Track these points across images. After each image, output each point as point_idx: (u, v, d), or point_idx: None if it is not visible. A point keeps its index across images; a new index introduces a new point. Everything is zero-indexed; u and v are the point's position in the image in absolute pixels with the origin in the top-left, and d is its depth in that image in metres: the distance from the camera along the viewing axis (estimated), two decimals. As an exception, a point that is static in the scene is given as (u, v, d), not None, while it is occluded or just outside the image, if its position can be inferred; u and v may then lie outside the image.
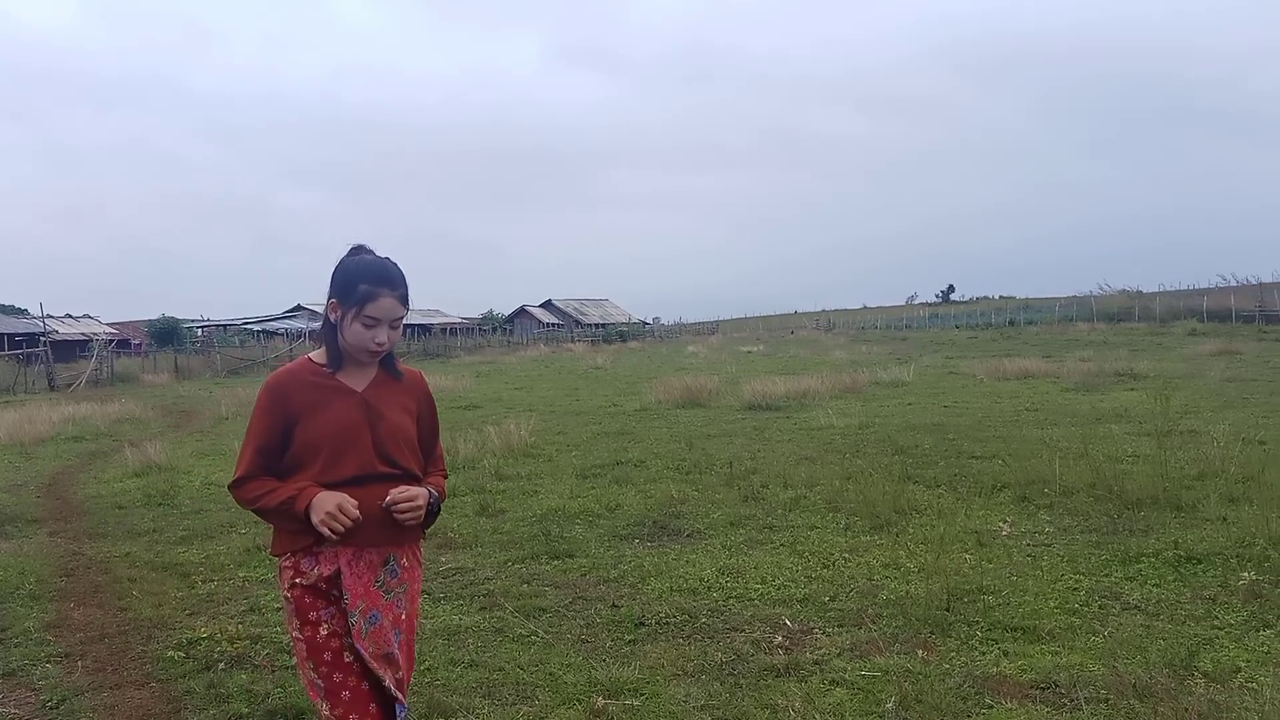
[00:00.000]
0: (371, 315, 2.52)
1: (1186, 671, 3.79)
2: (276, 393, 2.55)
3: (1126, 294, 66.06)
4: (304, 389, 2.56)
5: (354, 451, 2.54)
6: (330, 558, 2.53)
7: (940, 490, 7.74)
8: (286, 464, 2.55)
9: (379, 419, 2.58)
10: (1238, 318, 46.88)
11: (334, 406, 2.55)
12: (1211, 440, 8.81)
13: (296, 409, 2.53)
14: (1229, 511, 6.31)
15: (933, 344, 42.53)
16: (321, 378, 2.59)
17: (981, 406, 14.45)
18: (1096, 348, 30.89)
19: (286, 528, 2.53)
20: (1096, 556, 5.55)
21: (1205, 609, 4.57)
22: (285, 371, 2.61)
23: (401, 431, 2.62)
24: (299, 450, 2.52)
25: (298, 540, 2.52)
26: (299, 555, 2.54)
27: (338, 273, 2.57)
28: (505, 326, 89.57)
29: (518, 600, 5.18)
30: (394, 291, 2.54)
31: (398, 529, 2.57)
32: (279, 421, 2.53)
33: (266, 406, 2.55)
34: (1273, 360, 22.38)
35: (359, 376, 2.63)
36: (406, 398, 2.69)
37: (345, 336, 2.56)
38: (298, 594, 2.53)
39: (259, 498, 2.51)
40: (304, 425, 2.52)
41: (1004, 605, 4.74)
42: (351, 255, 2.60)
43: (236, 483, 2.55)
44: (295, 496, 2.47)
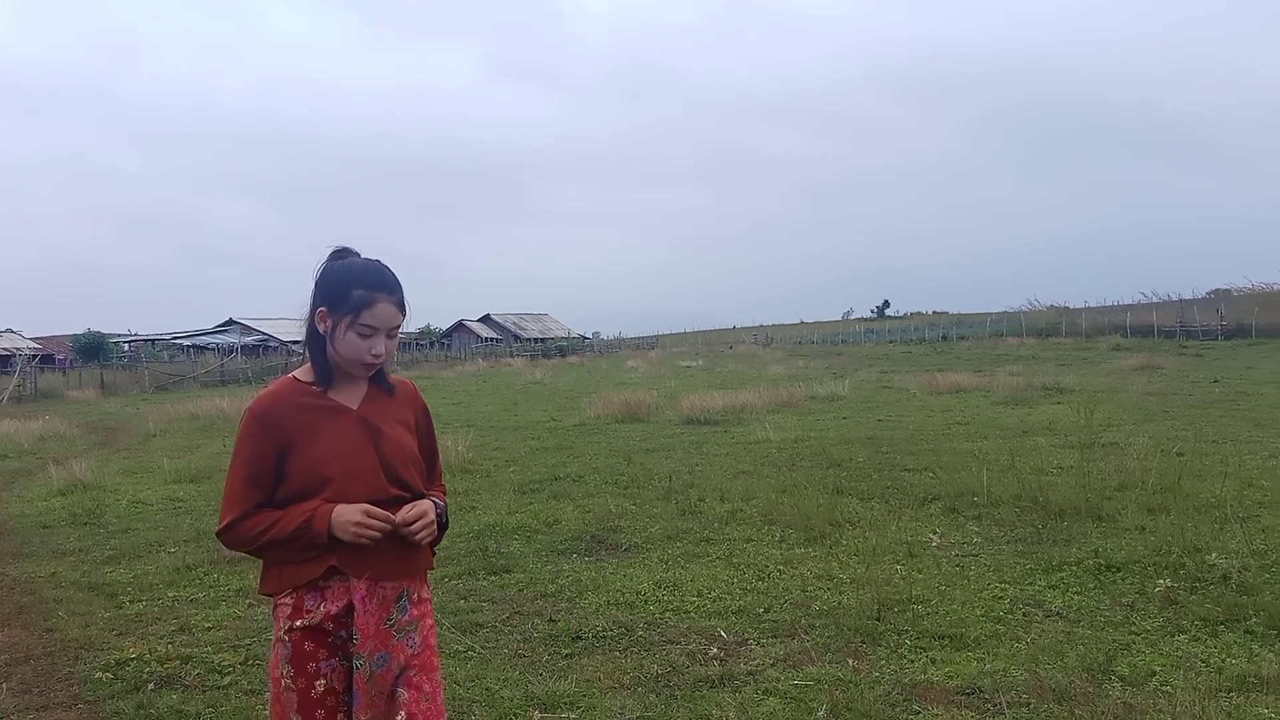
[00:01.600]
0: (368, 324, 2.28)
1: (1104, 676, 3.93)
2: (264, 419, 2.28)
3: (1055, 310, 67.91)
4: (295, 412, 2.30)
5: (363, 476, 2.29)
6: (339, 593, 2.27)
7: (873, 503, 7.88)
8: (282, 499, 2.28)
9: (380, 437, 2.34)
10: (1159, 333, 48.41)
11: (331, 429, 2.31)
12: (1132, 452, 9.11)
13: (289, 435, 2.27)
14: (1147, 521, 6.53)
15: (868, 359, 43.19)
16: (312, 397, 2.33)
17: (914, 420, 14.72)
18: (1026, 362, 31.64)
19: (299, 559, 2.26)
20: (1021, 566, 5.72)
21: (1123, 615, 4.73)
22: (270, 395, 2.34)
23: (406, 449, 2.39)
24: (299, 481, 2.26)
25: (301, 573, 2.26)
26: (301, 591, 2.27)
27: (326, 278, 2.33)
28: (443, 341, 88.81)
29: (454, 616, 5.16)
30: (391, 296, 2.31)
31: (413, 556, 2.35)
32: (270, 450, 2.26)
33: (254, 435, 2.27)
34: (1192, 375, 23.15)
35: (351, 393, 2.38)
36: (403, 410, 2.46)
37: (337, 348, 2.30)
38: (298, 638, 2.26)
39: (263, 532, 2.24)
40: (299, 453, 2.27)
41: (932, 614, 4.86)
42: (336, 258, 2.36)
43: (231, 525, 2.26)
44: (311, 519, 2.22)
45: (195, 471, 11.25)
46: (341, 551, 2.24)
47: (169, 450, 14.05)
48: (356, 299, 2.27)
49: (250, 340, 75.22)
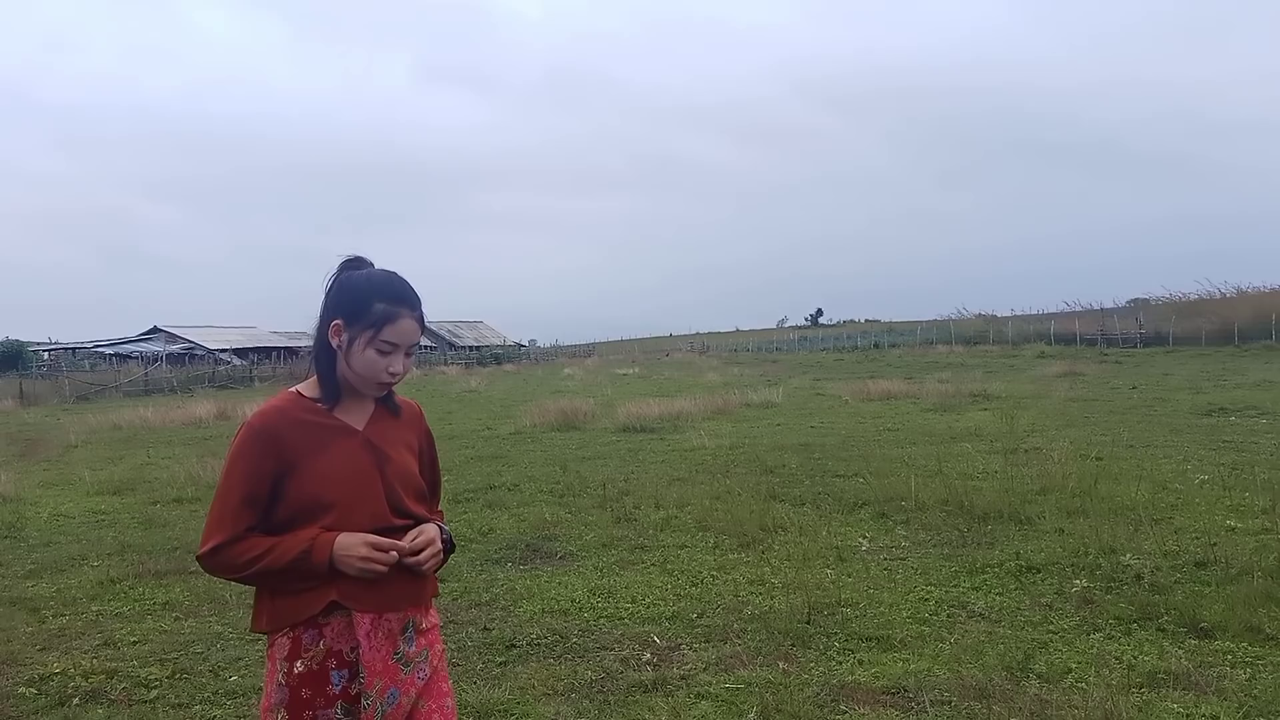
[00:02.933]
0: (390, 340, 2.13)
1: (1022, 673, 4.07)
2: (265, 435, 2.10)
3: (982, 318, 69.46)
4: (299, 429, 2.13)
5: (366, 503, 2.14)
6: (341, 630, 2.11)
7: (805, 508, 8.01)
8: (277, 523, 2.12)
9: (387, 462, 2.19)
10: (1082, 341, 49.77)
11: (335, 450, 2.15)
12: (1053, 457, 9.39)
13: (291, 454, 2.10)
14: (1066, 524, 6.75)
15: (802, 366, 43.74)
16: (317, 415, 2.17)
17: (846, 427, 14.96)
18: (954, 369, 32.35)
19: (295, 589, 2.09)
20: (947, 568, 5.87)
21: (1042, 615, 4.89)
22: (273, 409, 2.16)
23: (412, 477, 2.25)
24: (297, 505, 2.10)
25: (299, 609, 2.09)
26: (299, 629, 2.10)
27: (343, 288, 2.17)
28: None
29: (388, 626, 5.13)
30: (414, 312, 2.17)
31: (418, 584, 2.21)
32: (269, 470, 2.10)
33: (253, 451, 2.10)
34: (1112, 382, 23.85)
35: (357, 413, 2.23)
36: (408, 434, 2.31)
37: (352, 365, 2.14)
38: (296, 683, 2.09)
39: (256, 559, 2.06)
40: (301, 474, 2.10)
41: (860, 617, 4.98)
42: (352, 268, 2.21)
43: (217, 549, 2.07)
44: (310, 549, 2.05)
45: (119, 483, 10.98)
46: (343, 584, 2.09)
47: (91, 462, 13.70)
48: (378, 313, 2.12)
49: (176, 349, 73.52)
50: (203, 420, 21.27)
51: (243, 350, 75.43)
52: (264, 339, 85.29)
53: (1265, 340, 40.62)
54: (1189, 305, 53.82)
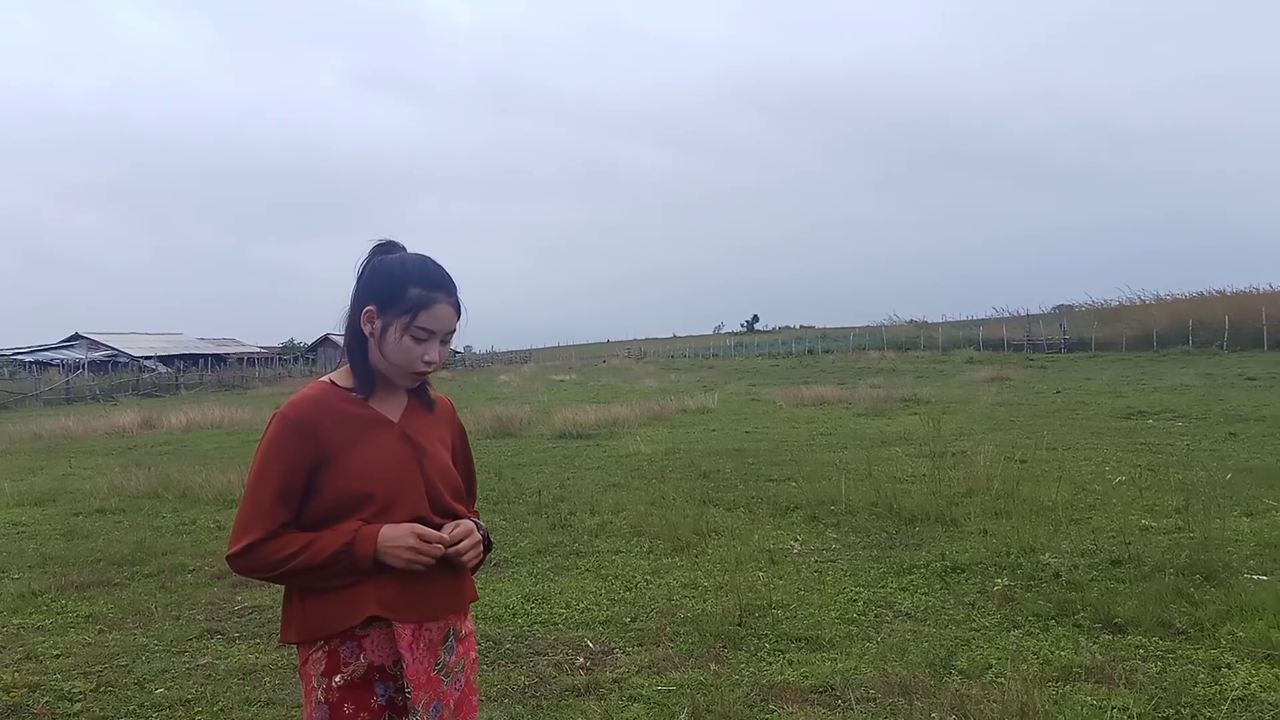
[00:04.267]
0: (426, 326, 2.04)
1: (945, 670, 4.20)
2: (301, 425, 2.00)
3: (914, 324, 70.73)
4: (335, 419, 2.04)
5: (406, 497, 2.05)
6: (381, 642, 2.01)
7: (738, 512, 8.11)
8: (311, 520, 2.01)
9: (425, 456, 2.11)
10: (1009, 346, 51.01)
11: (373, 442, 2.05)
12: (979, 460, 9.62)
13: (328, 446, 2.01)
14: (990, 525, 6.94)
15: (738, 372, 44.09)
16: (353, 405, 2.08)
17: (780, 432, 15.15)
18: (886, 375, 32.92)
19: (332, 590, 1.99)
20: (875, 569, 6.00)
21: (965, 613, 5.04)
22: (307, 398, 2.06)
23: (448, 471, 2.16)
24: (335, 498, 2.00)
25: (335, 620, 1.99)
26: (335, 641, 2.00)
27: (377, 273, 2.07)
28: (308, 356, 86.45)
29: (319, 636, 5.09)
30: (450, 298, 2.08)
31: (458, 588, 2.12)
32: (305, 462, 1.99)
33: (289, 444, 1.99)
34: (1037, 386, 24.48)
35: (392, 404, 2.14)
36: (442, 429, 2.22)
37: (386, 353, 2.05)
38: (337, 699, 1.98)
39: (293, 556, 1.95)
40: (338, 467, 2.01)
41: (791, 618, 5.07)
42: (384, 252, 2.11)
43: (250, 548, 1.96)
44: (353, 541, 1.95)
45: (40, 494, 10.67)
46: (383, 595, 1.99)
47: (10, 472, 13.28)
48: (414, 298, 2.03)
49: (98, 356, 71.48)
50: (126, 429, 20.74)
51: (168, 357, 73.66)
52: (190, 346, 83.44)
53: (1182, 346, 42.05)
54: (1110, 312, 55.47)
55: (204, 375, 57.88)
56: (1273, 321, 41.15)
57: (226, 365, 68.43)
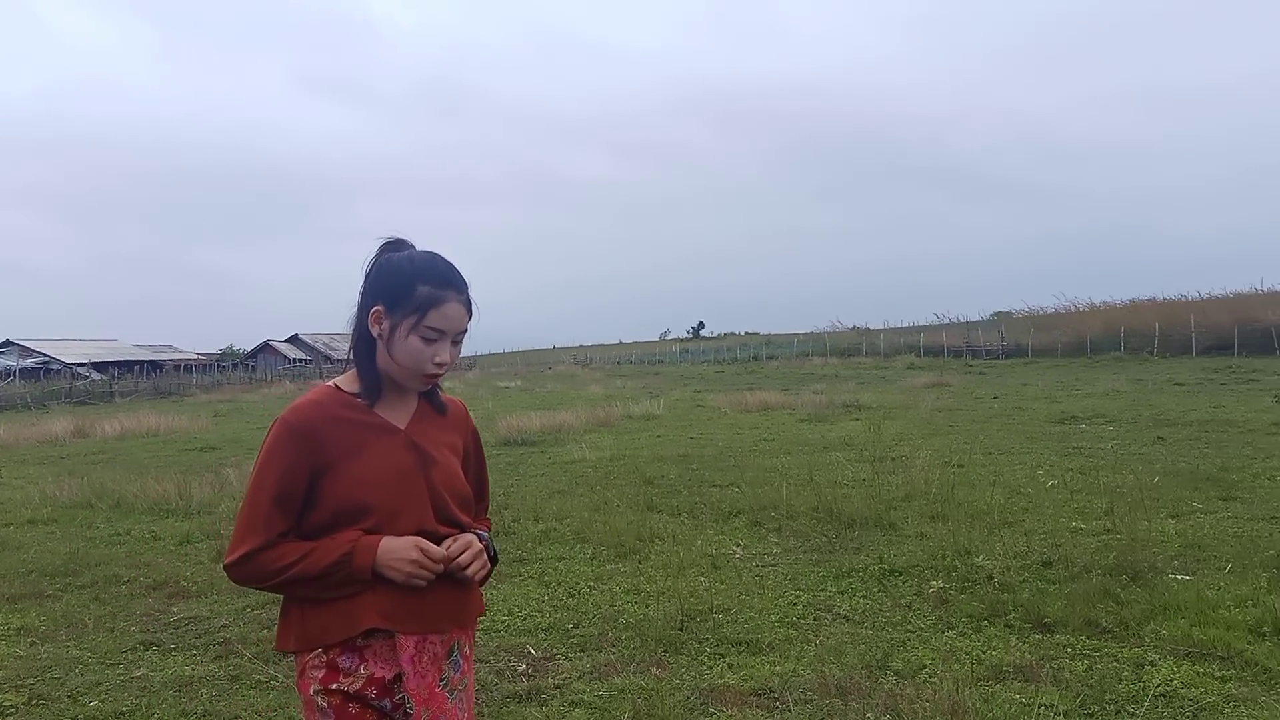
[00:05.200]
0: (435, 326, 1.96)
1: (881, 671, 4.29)
2: (302, 431, 1.94)
3: (856, 331, 71.74)
4: (338, 426, 1.97)
5: (410, 508, 1.98)
6: (382, 654, 1.95)
7: (682, 518, 8.17)
8: (311, 529, 1.96)
9: (432, 465, 2.04)
10: (948, 353, 51.92)
11: (377, 450, 1.99)
12: (917, 465, 9.81)
13: (329, 454, 1.94)
14: (927, 528, 7.09)
15: (683, 378, 44.28)
16: (357, 412, 2.01)
17: (724, 438, 15.26)
18: (829, 381, 33.30)
19: (330, 599, 1.93)
20: (815, 573, 6.09)
21: (901, 615, 5.14)
22: (309, 404, 1.99)
23: (458, 481, 2.08)
24: (334, 508, 1.94)
25: (333, 629, 1.93)
26: (334, 651, 1.94)
27: (383, 271, 2.00)
28: (247, 363, 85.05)
29: (256, 646, 5.04)
30: (460, 295, 2.00)
31: (464, 602, 2.06)
32: (304, 470, 1.93)
33: (288, 450, 1.93)
34: (975, 392, 24.95)
35: (400, 409, 2.07)
36: (452, 434, 2.14)
37: (395, 355, 1.98)
38: (339, 703, 1.93)
39: (290, 566, 1.90)
40: (339, 475, 1.94)
41: (732, 622, 5.13)
42: (392, 250, 2.04)
43: (247, 556, 1.90)
44: (352, 552, 1.90)
45: (-34, 505, 10.38)
46: (383, 605, 1.93)
47: (-65, 483, 12.88)
48: (423, 297, 1.95)
49: (29, 363, 69.59)
50: (59, 438, 20.24)
51: (102, 364, 71.94)
52: (125, 352, 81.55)
53: (1114, 352, 43.18)
54: (1046, 319, 56.78)
55: (139, 382, 56.67)
56: (1201, 329, 42.45)
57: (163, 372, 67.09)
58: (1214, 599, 4.97)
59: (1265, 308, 42.79)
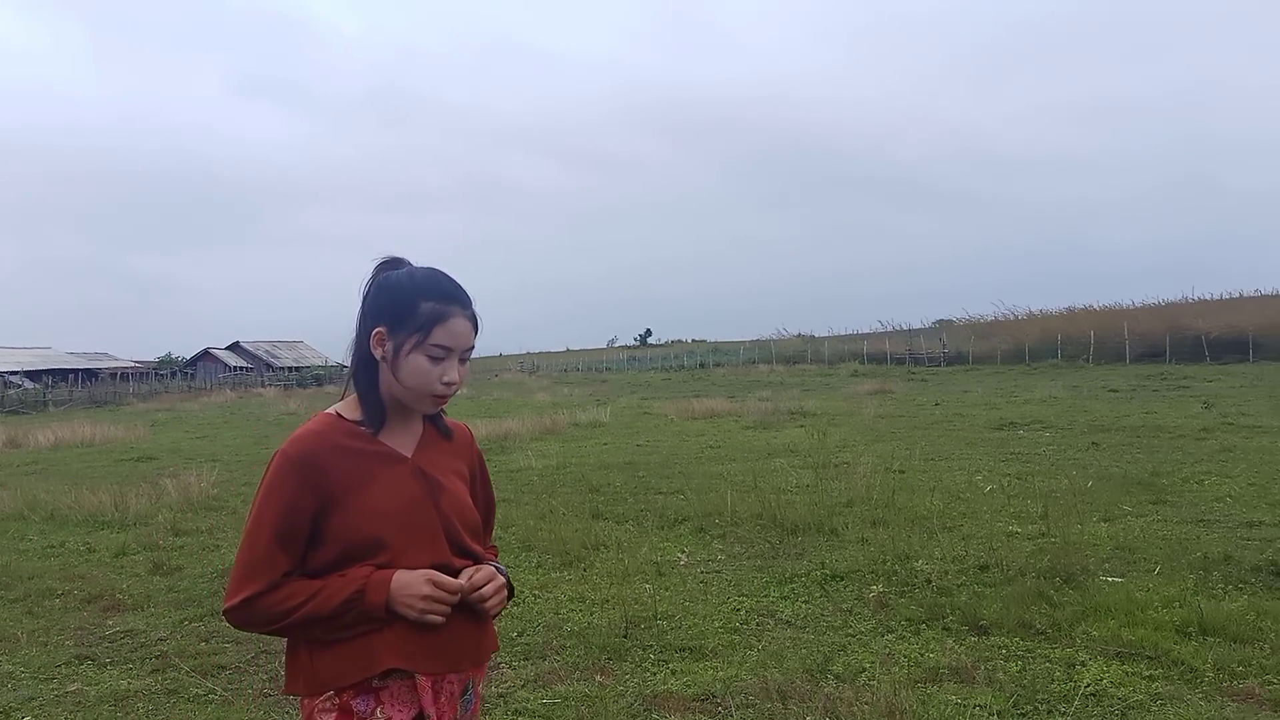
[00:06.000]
0: (442, 343, 1.87)
1: (821, 675, 4.35)
2: (303, 465, 1.83)
3: (802, 339, 72.41)
4: (342, 457, 1.87)
5: (423, 541, 1.89)
6: (401, 696, 1.85)
7: (627, 525, 8.20)
8: (317, 568, 1.85)
9: (441, 493, 1.94)
10: (891, 360, 52.64)
11: (385, 480, 1.89)
12: (859, 471, 9.95)
13: (335, 486, 1.84)
14: (868, 534, 7.20)
15: (630, 385, 44.33)
16: (361, 440, 1.91)
17: (670, 445, 15.33)
18: (774, 388, 33.58)
19: (342, 640, 1.82)
20: (758, 579, 6.16)
21: (842, 620, 5.22)
22: (310, 434, 1.88)
23: (467, 509, 2.00)
24: (343, 545, 1.84)
25: (351, 668, 1.82)
26: (347, 694, 1.83)
27: (383, 290, 1.91)
28: (186, 371, 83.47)
29: (194, 659, 4.97)
30: (465, 310, 1.92)
31: (480, 637, 1.96)
32: (308, 505, 1.83)
33: (290, 485, 1.83)
34: (917, 398, 25.34)
35: (405, 436, 1.97)
36: (459, 460, 2.06)
37: (401, 377, 1.88)
38: None
39: (298, 607, 1.79)
40: (346, 510, 1.84)
41: (676, 629, 5.17)
42: (390, 268, 1.95)
43: (252, 599, 1.79)
44: (364, 589, 1.80)
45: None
46: (401, 643, 1.84)
47: None
48: (427, 314, 1.86)
49: (-42, 371, 67.50)
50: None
51: (35, 373, 70.05)
52: (59, 360, 79.51)
53: (1052, 359, 44.13)
54: (986, 326, 57.81)
55: (74, 391, 55.32)
56: (1134, 337, 43.56)
57: (98, 381, 65.57)
58: (1143, 600, 5.13)
59: (1195, 316, 44.03)
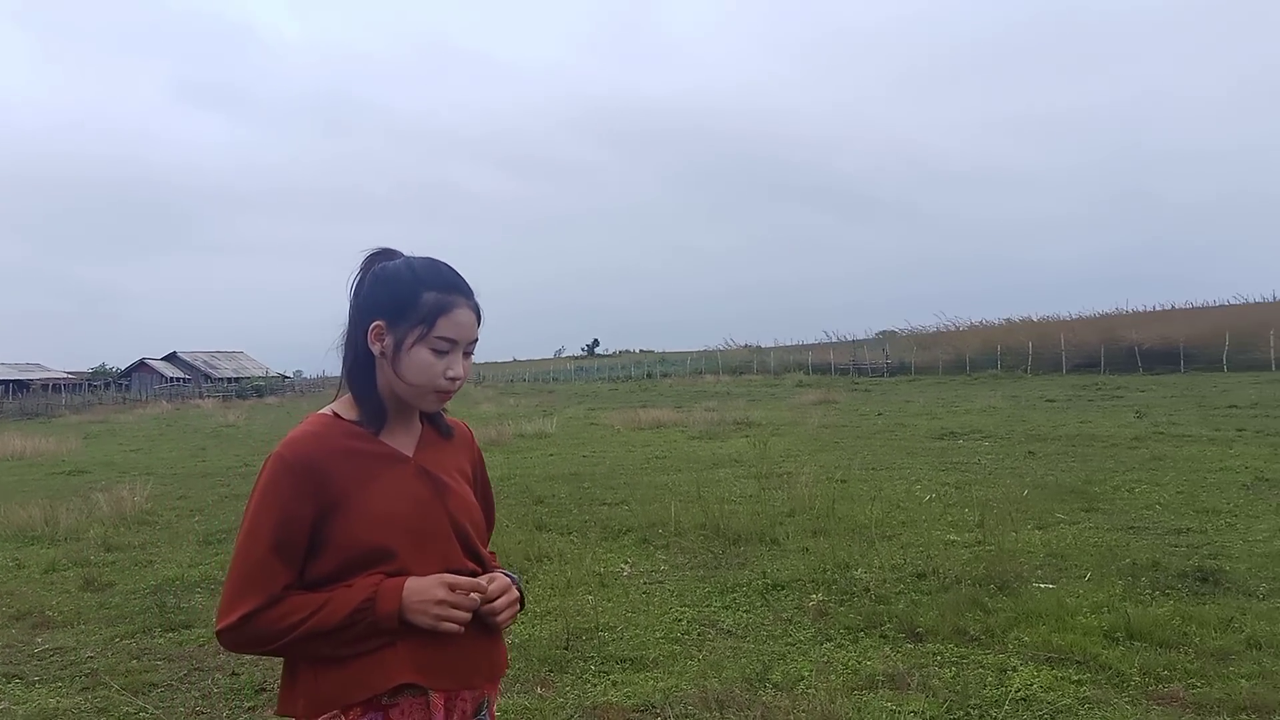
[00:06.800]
0: (446, 335, 1.76)
1: (760, 683, 4.38)
2: (302, 469, 1.69)
3: (748, 349, 72.96)
4: (342, 459, 1.74)
5: (433, 547, 1.77)
6: (412, 714, 1.71)
7: (572, 537, 8.18)
8: (317, 580, 1.71)
9: (447, 494, 1.82)
10: (836, 370, 53.24)
11: (388, 482, 1.76)
12: (802, 481, 10.04)
13: (337, 491, 1.71)
14: (809, 543, 7.26)
15: (577, 396, 44.26)
16: (361, 441, 1.78)
17: (616, 455, 15.33)
18: (720, 398, 33.74)
19: (349, 656, 1.68)
20: (701, 589, 6.18)
21: (782, 629, 5.26)
22: (307, 436, 1.74)
23: (473, 510, 1.88)
24: (346, 555, 1.70)
25: (358, 685, 1.68)
26: (354, 712, 1.69)
27: (381, 282, 1.79)
28: (122, 382, 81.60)
29: (125, 677, 4.86)
30: (469, 301, 1.81)
31: (493, 651, 1.84)
32: (308, 512, 1.69)
33: (288, 491, 1.68)
34: (861, 408, 25.62)
35: (405, 436, 1.85)
36: (461, 459, 1.94)
37: (402, 373, 1.76)
38: None
39: (301, 623, 1.65)
40: (348, 515, 1.70)
41: (617, 640, 5.17)
42: (382, 259, 1.83)
43: (250, 617, 1.64)
44: (374, 597, 1.67)
45: None
46: (416, 656, 1.71)
47: None
48: (430, 305, 1.75)
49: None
50: (-88, 462, 19.05)
51: (-37, 383, 67.99)
52: (-11, 370, 77.26)
53: (992, 370, 44.95)
54: (928, 337, 58.72)
55: (4, 403, 53.82)
56: (1071, 347, 44.57)
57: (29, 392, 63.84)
58: (1073, 606, 5.24)
59: (1129, 327, 45.18)
